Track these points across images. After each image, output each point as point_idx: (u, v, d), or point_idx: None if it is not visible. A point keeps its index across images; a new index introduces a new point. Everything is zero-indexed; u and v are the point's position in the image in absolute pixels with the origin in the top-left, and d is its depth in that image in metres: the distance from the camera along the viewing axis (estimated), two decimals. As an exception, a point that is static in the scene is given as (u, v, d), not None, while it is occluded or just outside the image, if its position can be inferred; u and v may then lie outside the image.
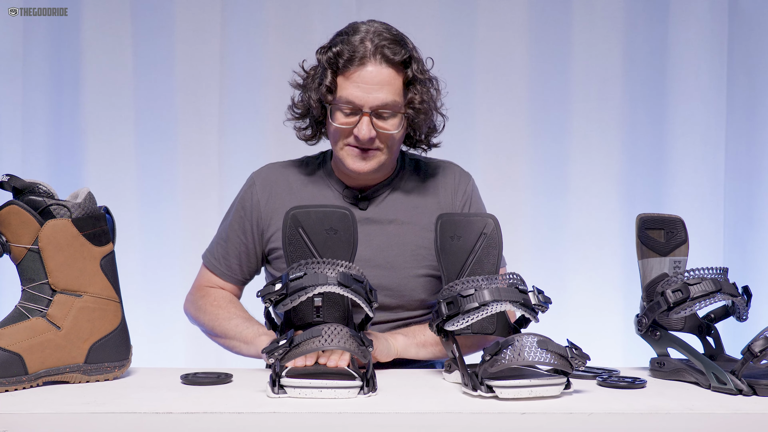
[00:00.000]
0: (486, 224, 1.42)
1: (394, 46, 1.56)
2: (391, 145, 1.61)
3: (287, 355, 1.23)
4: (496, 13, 2.70)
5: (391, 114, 1.57)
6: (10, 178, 1.29)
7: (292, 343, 1.23)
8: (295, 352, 1.23)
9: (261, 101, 2.70)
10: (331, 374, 1.26)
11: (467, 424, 1.13)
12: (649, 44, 2.71)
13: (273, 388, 1.22)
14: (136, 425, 1.11)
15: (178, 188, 2.72)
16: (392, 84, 1.55)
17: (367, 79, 1.54)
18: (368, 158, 1.59)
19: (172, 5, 2.69)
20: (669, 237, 1.41)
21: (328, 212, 1.42)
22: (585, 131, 2.72)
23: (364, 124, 1.55)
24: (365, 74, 1.54)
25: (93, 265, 1.33)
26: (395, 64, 1.55)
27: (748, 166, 2.71)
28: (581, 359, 1.23)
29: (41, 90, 2.68)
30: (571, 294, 2.69)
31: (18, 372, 1.26)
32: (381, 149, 1.60)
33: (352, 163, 1.60)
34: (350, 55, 1.54)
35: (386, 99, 1.54)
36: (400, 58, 1.56)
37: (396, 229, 1.66)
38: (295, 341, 1.23)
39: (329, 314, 1.43)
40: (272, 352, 1.23)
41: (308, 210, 1.42)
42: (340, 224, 1.41)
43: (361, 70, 1.54)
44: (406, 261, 1.64)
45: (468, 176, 1.74)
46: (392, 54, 1.54)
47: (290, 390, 1.21)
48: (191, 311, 1.74)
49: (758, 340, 1.25)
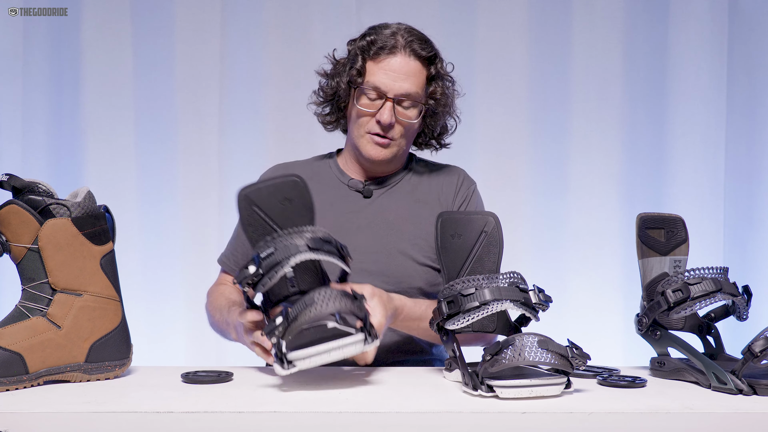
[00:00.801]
0: (487, 222, 1.42)
1: (422, 43, 1.67)
2: (408, 136, 1.70)
3: (288, 330, 1.22)
4: (496, 13, 2.71)
5: (412, 104, 1.66)
6: (10, 178, 1.29)
7: (289, 318, 1.23)
8: (295, 325, 1.22)
9: (261, 101, 2.70)
10: (329, 337, 1.25)
11: (468, 423, 1.13)
12: (649, 44, 2.71)
13: (282, 365, 1.22)
14: (136, 424, 1.11)
15: (178, 188, 2.72)
16: (417, 76, 1.66)
17: (395, 68, 1.64)
18: (385, 146, 1.67)
19: (172, 5, 2.69)
20: (669, 236, 1.41)
21: (278, 183, 1.40)
22: (585, 131, 2.72)
23: (387, 110, 1.64)
24: (394, 63, 1.64)
25: (93, 264, 1.33)
26: (422, 59, 1.67)
27: (748, 166, 2.72)
28: (582, 359, 1.23)
29: (41, 90, 2.68)
30: (571, 294, 2.69)
31: (18, 371, 1.25)
32: (397, 139, 1.68)
33: (370, 150, 1.68)
34: (383, 44, 1.65)
35: (410, 89, 1.65)
36: (427, 54, 1.67)
37: (397, 219, 1.71)
38: (292, 315, 1.23)
39: (304, 282, 1.42)
40: (272, 332, 1.23)
41: (258, 187, 1.40)
42: (294, 192, 1.40)
43: (390, 58, 1.65)
44: (405, 248, 1.68)
45: (471, 181, 1.80)
46: (420, 49, 1.66)
47: (299, 362, 1.21)
48: (208, 312, 1.72)
49: (758, 340, 1.25)
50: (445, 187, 1.76)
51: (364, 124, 1.68)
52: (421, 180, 1.77)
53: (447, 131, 1.80)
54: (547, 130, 2.73)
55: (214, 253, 1.85)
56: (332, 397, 1.23)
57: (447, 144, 1.82)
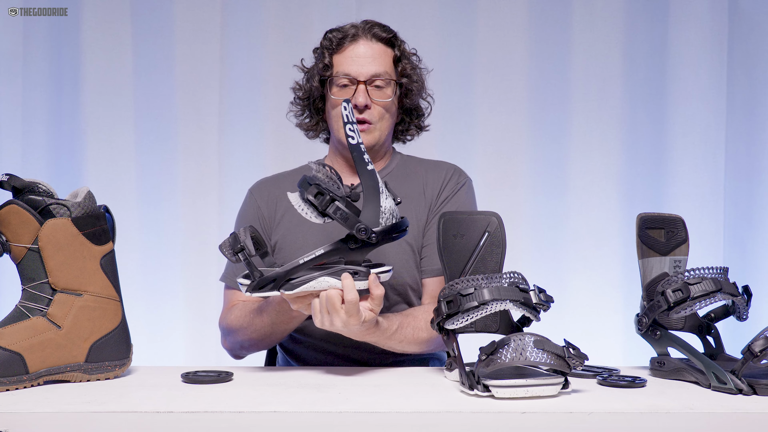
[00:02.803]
0: (489, 222, 1.42)
1: (382, 27, 1.73)
2: (386, 119, 1.71)
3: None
4: (496, 13, 2.70)
5: (385, 83, 1.69)
6: (10, 178, 1.29)
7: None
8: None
9: (261, 101, 2.70)
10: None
11: (467, 423, 1.13)
12: (649, 44, 2.71)
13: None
14: (136, 424, 1.11)
15: (178, 188, 2.72)
16: (383, 57, 1.70)
17: (360, 53, 1.69)
18: (366, 131, 1.69)
19: (172, 5, 2.69)
20: (669, 236, 1.41)
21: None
22: (585, 131, 2.72)
23: (360, 92, 1.67)
24: (358, 49, 1.70)
25: (93, 264, 1.33)
26: (384, 41, 1.72)
27: (748, 166, 2.71)
28: (579, 359, 1.22)
29: (41, 90, 2.68)
30: (571, 294, 2.69)
31: (19, 371, 1.26)
32: (376, 122, 1.69)
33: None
34: (343, 35, 1.71)
35: (378, 69, 1.69)
36: (388, 36, 1.72)
37: None
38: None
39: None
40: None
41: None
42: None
43: (354, 46, 1.70)
44: (391, 247, 1.62)
45: (463, 177, 1.77)
46: (381, 32, 1.72)
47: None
48: (226, 335, 1.68)
49: (758, 340, 1.25)
50: (432, 183, 1.74)
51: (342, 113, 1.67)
52: (408, 177, 1.76)
53: (423, 113, 1.81)
54: (547, 129, 2.73)
55: (214, 253, 1.85)
56: (332, 397, 1.23)
57: (426, 127, 1.83)
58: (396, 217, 1.37)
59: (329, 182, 1.35)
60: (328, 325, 1.36)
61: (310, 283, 1.34)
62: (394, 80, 1.71)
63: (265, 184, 1.80)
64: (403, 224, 1.38)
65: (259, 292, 1.35)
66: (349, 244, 1.34)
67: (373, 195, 1.34)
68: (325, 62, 1.70)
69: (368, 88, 1.68)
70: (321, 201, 1.34)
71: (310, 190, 1.35)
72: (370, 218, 1.34)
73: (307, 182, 1.37)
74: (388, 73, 1.70)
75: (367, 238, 1.33)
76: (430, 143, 2.29)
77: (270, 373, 1.43)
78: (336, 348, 1.67)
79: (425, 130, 1.84)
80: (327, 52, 1.71)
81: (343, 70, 1.69)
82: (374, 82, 1.68)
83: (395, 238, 1.37)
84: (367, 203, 1.35)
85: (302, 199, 1.37)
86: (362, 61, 1.68)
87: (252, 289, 1.35)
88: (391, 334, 1.50)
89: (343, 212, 1.33)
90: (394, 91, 1.71)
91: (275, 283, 1.34)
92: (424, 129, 1.84)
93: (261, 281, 1.34)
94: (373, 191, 1.35)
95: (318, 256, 1.35)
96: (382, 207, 1.34)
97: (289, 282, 1.35)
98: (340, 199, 1.34)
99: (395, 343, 1.52)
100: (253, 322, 1.59)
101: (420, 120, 1.82)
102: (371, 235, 1.33)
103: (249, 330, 1.60)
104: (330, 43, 1.71)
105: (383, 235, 1.35)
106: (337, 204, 1.33)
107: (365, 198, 1.35)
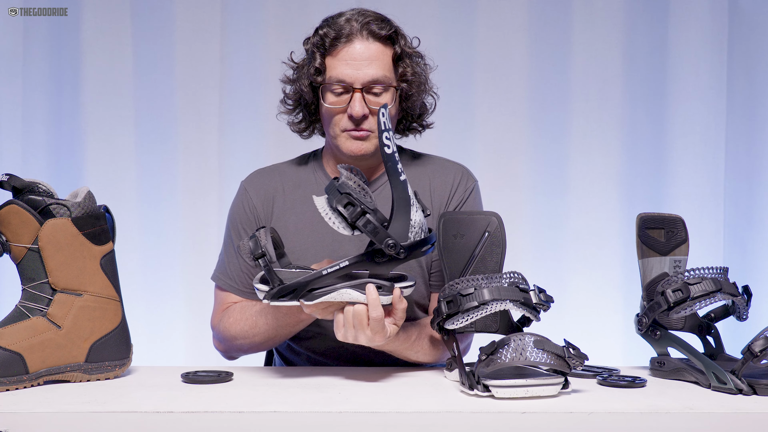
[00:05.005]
0: (489, 222, 1.41)
1: (380, 22, 1.56)
2: None
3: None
4: (496, 13, 2.70)
5: (383, 89, 1.55)
6: (10, 178, 1.29)
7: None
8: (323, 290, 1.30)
9: (261, 101, 2.70)
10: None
11: (467, 423, 1.13)
12: (649, 44, 2.71)
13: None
14: (137, 424, 1.11)
15: (178, 188, 2.72)
16: (381, 59, 1.55)
17: (355, 56, 1.53)
18: (365, 139, 1.56)
19: (172, 5, 2.69)
20: (669, 236, 1.41)
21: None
22: (585, 131, 2.72)
23: (357, 102, 1.53)
24: (353, 51, 1.54)
25: (93, 264, 1.33)
26: (383, 39, 1.56)
27: (748, 166, 2.71)
28: (579, 359, 1.22)
29: (41, 90, 2.68)
30: (571, 294, 2.69)
31: (19, 371, 1.26)
32: (375, 130, 1.56)
33: (350, 146, 1.56)
34: (336, 33, 1.54)
35: (376, 74, 1.54)
36: (387, 33, 1.56)
37: None
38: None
39: None
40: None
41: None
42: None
43: (348, 47, 1.54)
44: None
45: (471, 180, 1.68)
46: (379, 29, 1.55)
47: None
48: (222, 339, 1.62)
49: (758, 340, 1.25)
50: (439, 190, 1.65)
51: (338, 122, 1.56)
52: (412, 180, 1.61)
53: (426, 111, 1.68)
54: (547, 130, 2.73)
55: (214, 253, 1.84)
56: (332, 397, 1.23)
57: (430, 124, 1.71)
58: (425, 232, 1.32)
59: (360, 191, 1.29)
60: (351, 339, 1.32)
61: (332, 294, 1.29)
62: (393, 87, 1.57)
63: (259, 177, 1.69)
64: (431, 239, 1.33)
65: (278, 301, 1.30)
66: (375, 258, 1.29)
67: (404, 208, 1.28)
68: (316, 65, 1.56)
69: (365, 95, 1.54)
70: (351, 212, 1.26)
71: (339, 200, 1.27)
72: (400, 232, 1.28)
73: (337, 190, 1.29)
74: (386, 77, 1.55)
75: (396, 253, 1.27)
76: (431, 143, 2.28)
77: (270, 373, 1.43)
78: (337, 363, 1.63)
79: (429, 127, 1.72)
80: (319, 53, 1.56)
81: (336, 75, 1.53)
82: (372, 89, 1.54)
83: (423, 254, 1.32)
84: (398, 215, 1.28)
85: (330, 206, 1.29)
86: (357, 64, 1.53)
87: (271, 297, 1.30)
88: (410, 344, 1.47)
89: (373, 226, 1.26)
90: (393, 96, 1.57)
91: (295, 293, 1.29)
92: (428, 126, 1.72)
93: (281, 290, 1.30)
94: (404, 203, 1.28)
95: (342, 268, 1.29)
96: (412, 221, 1.29)
97: (310, 292, 1.30)
98: (371, 212, 1.27)
99: (412, 353, 1.48)
100: (257, 324, 1.52)
101: (422, 119, 1.69)
102: (400, 250, 1.27)
103: (251, 334, 1.54)
104: (322, 42, 1.56)
105: (411, 250, 1.29)
106: (368, 217, 1.26)
107: (396, 210, 1.28)
